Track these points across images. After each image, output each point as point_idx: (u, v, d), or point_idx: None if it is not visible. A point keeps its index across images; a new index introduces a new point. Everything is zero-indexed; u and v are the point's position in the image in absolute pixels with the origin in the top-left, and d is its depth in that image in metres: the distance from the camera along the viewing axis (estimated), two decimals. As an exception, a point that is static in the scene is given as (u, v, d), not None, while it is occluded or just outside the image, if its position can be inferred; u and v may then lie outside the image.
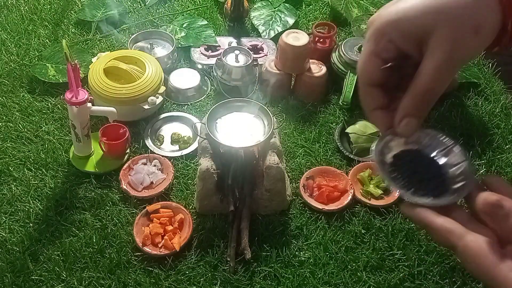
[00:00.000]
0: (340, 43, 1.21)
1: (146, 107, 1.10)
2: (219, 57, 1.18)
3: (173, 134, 1.11)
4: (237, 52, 1.19)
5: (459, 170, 0.57)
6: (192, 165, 1.05)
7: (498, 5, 0.49)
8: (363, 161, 1.06)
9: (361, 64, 0.52)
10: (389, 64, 0.52)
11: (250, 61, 1.17)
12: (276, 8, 1.42)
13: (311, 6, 1.48)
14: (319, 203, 0.98)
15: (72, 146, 1.04)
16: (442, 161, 0.60)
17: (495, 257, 0.44)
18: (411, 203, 0.53)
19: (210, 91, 1.23)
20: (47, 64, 1.22)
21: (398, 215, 0.98)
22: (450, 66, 0.49)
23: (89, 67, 1.14)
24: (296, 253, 0.91)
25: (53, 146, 1.06)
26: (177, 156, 1.07)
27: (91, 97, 1.07)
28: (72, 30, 1.35)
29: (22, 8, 1.41)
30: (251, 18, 1.39)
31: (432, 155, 0.60)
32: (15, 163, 1.03)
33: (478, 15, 0.49)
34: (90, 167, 1.03)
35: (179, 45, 1.30)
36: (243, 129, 0.96)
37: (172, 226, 0.93)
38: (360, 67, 0.52)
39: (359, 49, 1.18)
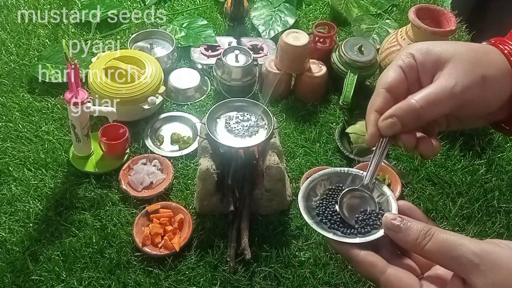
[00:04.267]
0: (340, 43, 1.21)
1: (146, 107, 1.10)
2: (219, 57, 1.18)
3: (173, 134, 1.11)
4: (237, 52, 1.19)
5: (383, 205, 0.59)
6: (192, 165, 1.05)
7: (510, 77, 0.53)
8: (363, 161, 1.06)
9: (385, 71, 0.57)
10: None
11: (250, 61, 1.17)
12: (276, 8, 1.42)
13: (311, 6, 1.48)
14: (319, 203, 0.98)
15: (72, 146, 1.04)
16: (367, 196, 0.61)
17: (415, 285, 0.47)
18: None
19: (210, 91, 1.23)
20: (47, 64, 1.21)
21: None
22: (446, 97, 0.52)
23: (89, 67, 1.14)
24: (296, 253, 0.91)
25: (53, 146, 1.06)
26: (177, 156, 1.07)
27: (91, 97, 1.07)
28: (72, 30, 1.35)
29: (22, 8, 1.41)
30: (251, 18, 1.39)
31: (357, 192, 0.62)
32: (15, 163, 1.03)
33: (489, 68, 0.53)
34: (90, 167, 1.03)
35: (179, 45, 1.30)
36: (243, 129, 0.96)
37: (172, 226, 0.93)
38: (383, 73, 0.57)
39: (359, 49, 1.18)
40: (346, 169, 0.65)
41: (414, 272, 0.51)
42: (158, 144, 1.10)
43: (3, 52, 1.28)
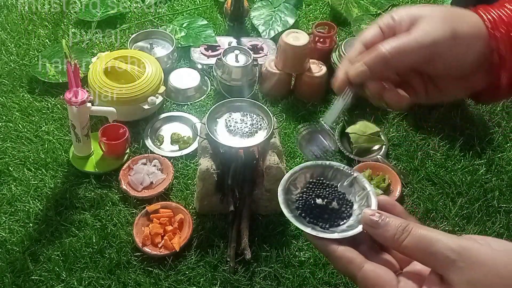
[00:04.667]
0: (340, 43, 1.21)
1: (146, 107, 1.10)
2: (219, 57, 1.18)
3: (173, 134, 1.11)
4: (237, 52, 1.19)
5: (363, 200, 0.59)
6: (192, 165, 1.05)
7: (486, 31, 0.54)
8: (363, 161, 1.06)
9: (364, 29, 0.60)
10: None
11: (250, 61, 1.17)
12: (276, 8, 1.42)
13: (311, 6, 1.48)
14: (319, 203, 0.97)
15: (72, 146, 1.04)
16: (347, 192, 0.62)
17: (392, 281, 0.47)
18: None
19: (210, 91, 1.23)
20: (47, 64, 1.21)
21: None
22: (414, 46, 0.54)
23: (89, 67, 1.14)
24: (296, 253, 0.91)
25: (53, 146, 1.06)
26: (177, 156, 1.06)
27: (91, 97, 1.07)
28: (72, 30, 1.35)
29: (22, 8, 1.41)
30: (251, 18, 1.39)
31: (337, 187, 0.62)
32: (15, 163, 1.03)
33: (462, 24, 0.55)
34: (90, 167, 1.03)
35: (179, 45, 1.30)
36: (243, 129, 0.96)
37: (172, 226, 0.93)
38: (362, 31, 0.61)
39: (359, 49, 1.17)
40: (327, 162, 0.65)
41: (393, 267, 0.51)
42: (158, 144, 1.10)
43: (3, 52, 1.28)
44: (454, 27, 0.54)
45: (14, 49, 1.28)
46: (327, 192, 0.63)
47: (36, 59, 1.26)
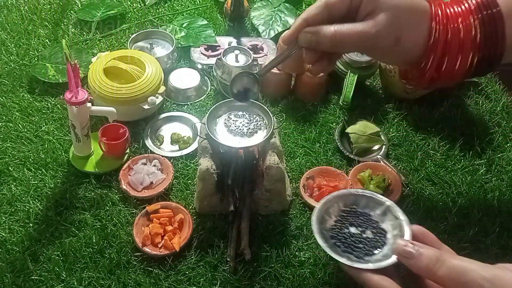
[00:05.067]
0: (340, 43, 1.20)
1: (146, 107, 1.10)
2: (219, 57, 1.18)
3: (173, 134, 1.11)
4: (237, 52, 1.19)
5: (396, 229, 0.59)
6: (192, 165, 1.05)
7: (428, 22, 0.62)
8: (363, 161, 1.06)
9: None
10: None
11: (250, 61, 1.17)
12: (276, 8, 1.42)
13: (311, 6, 1.47)
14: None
15: (72, 146, 1.04)
16: (381, 220, 0.62)
17: None
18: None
19: (210, 91, 1.23)
20: (47, 64, 1.22)
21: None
22: (359, 39, 0.62)
23: (89, 67, 1.14)
24: (296, 253, 0.91)
25: (53, 146, 1.06)
26: (177, 156, 1.06)
27: (91, 97, 1.07)
28: (72, 30, 1.35)
29: (22, 8, 1.41)
30: (251, 18, 1.39)
31: (370, 215, 0.63)
32: (15, 163, 1.03)
33: (410, 33, 0.62)
34: (90, 167, 1.03)
35: (179, 45, 1.30)
36: (243, 129, 0.96)
37: (172, 226, 0.93)
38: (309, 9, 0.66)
39: (359, 49, 1.18)
40: (360, 190, 0.66)
41: None
42: (158, 144, 1.10)
43: (3, 52, 1.28)
44: (399, 35, 0.61)
45: (14, 49, 1.29)
46: (361, 221, 0.63)
47: (36, 59, 1.26)
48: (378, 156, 1.07)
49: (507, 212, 1.00)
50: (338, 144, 1.09)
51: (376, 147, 1.11)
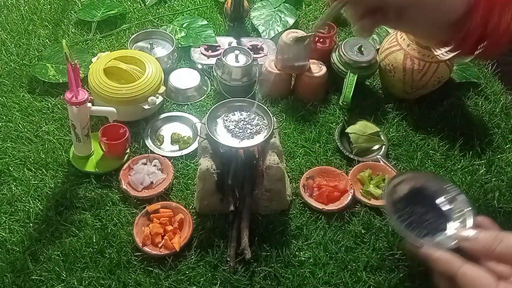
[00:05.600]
0: (340, 43, 1.21)
1: (146, 107, 1.10)
2: (219, 57, 1.18)
3: (173, 134, 1.11)
4: (237, 52, 1.19)
5: (460, 218, 0.61)
6: (192, 165, 1.05)
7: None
8: (363, 161, 1.06)
9: None
10: None
11: (250, 61, 1.17)
12: (276, 8, 1.42)
13: (311, 6, 1.48)
14: (319, 203, 0.98)
15: (72, 146, 1.04)
16: (446, 207, 0.64)
17: (491, 281, 0.51)
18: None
19: (210, 91, 1.23)
20: (47, 64, 1.22)
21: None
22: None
23: (89, 67, 1.14)
24: (296, 253, 0.91)
25: (53, 146, 1.06)
26: (177, 156, 1.07)
27: (91, 97, 1.07)
28: (72, 30, 1.35)
29: (22, 8, 1.41)
30: (251, 18, 1.39)
31: (437, 201, 0.65)
32: (15, 163, 1.03)
33: None
34: (90, 167, 1.03)
35: (179, 45, 1.30)
36: (243, 129, 0.96)
37: (172, 226, 0.93)
38: None
39: (359, 49, 1.18)
40: (431, 175, 0.73)
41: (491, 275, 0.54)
42: (158, 144, 1.10)
43: (3, 52, 1.28)
44: None
45: (14, 49, 1.29)
46: (427, 204, 0.66)
47: (36, 59, 1.26)
48: (378, 156, 1.07)
49: (507, 213, 1.00)
50: (338, 144, 1.09)
51: (376, 147, 1.11)
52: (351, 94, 1.14)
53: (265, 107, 0.97)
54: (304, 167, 1.05)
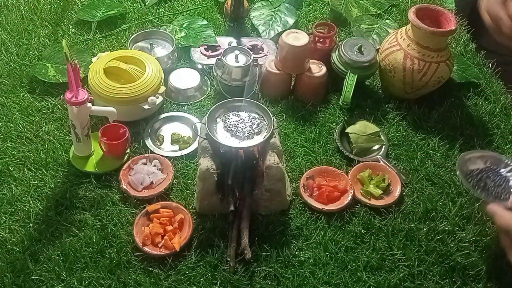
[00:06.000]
0: (340, 43, 1.21)
1: (146, 107, 1.10)
2: (219, 57, 1.18)
3: (173, 134, 1.11)
4: (237, 52, 1.19)
5: None
6: (192, 165, 1.05)
7: None
8: (363, 161, 1.06)
9: None
10: None
11: (250, 61, 1.17)
12: (276, 8, 1.42)
13: (311, 6, 1.48)
14: (319, 203, 0.98)
15: (72, 146, 1.04)
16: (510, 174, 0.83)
17: None
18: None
19: (210, 91, 1.23)
20: (47, 64, 1.22)
21: (398, 215, 0.98)
22: None
23: (89, 67, 1.14)
24: (296, 253, 0.91)
25: (53, 146, 1.06)
26: (177, 156, 1.07)
27: (91, 97, 1.07)
28: (72, 30, 1.35)
29: (22, 8, 1.41)
30: (251, 18, 1.39)
31: (501, 171, 0.84)
32: (15, 163, 1.03)
33: None
34: (90, 167, 1.03)
35: (179, 45, 1.30)
36: (243, 129, 0.96)
37: (172, 226, 0.93)
38: None
39: (359, 49, 1.18)
40: (505, 157, 0.86)
41: None
42: (158, 144, 1.10)
43: (3, 52, 1.28)
44: None
45: (14, 49, 1.29)
46: (497, 178, 0.81)
47: (36, 59, 1.26)
48: (378, 156, 1.07)
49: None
50: (338, 144, 1.09)
51: (376, 147, 1.11)
52: (351, 94, 1.14)
53: (265, 107, 0.97)
54: (304, 167, 1.05)
